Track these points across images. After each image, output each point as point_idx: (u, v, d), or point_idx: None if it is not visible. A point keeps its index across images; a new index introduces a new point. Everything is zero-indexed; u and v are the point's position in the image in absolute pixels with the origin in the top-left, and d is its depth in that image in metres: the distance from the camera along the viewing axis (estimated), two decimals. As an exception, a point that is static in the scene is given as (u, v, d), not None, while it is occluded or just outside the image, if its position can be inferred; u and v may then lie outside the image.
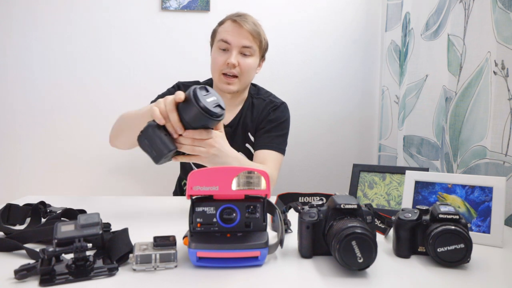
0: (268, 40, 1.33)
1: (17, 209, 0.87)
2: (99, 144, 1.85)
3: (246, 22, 1.22)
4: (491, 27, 0.97)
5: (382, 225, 0.80)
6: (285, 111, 1.35)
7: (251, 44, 1.23)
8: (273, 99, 1.36)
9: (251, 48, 1.23)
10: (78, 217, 0.62)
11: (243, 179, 0.63)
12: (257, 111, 1.33)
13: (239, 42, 1.22)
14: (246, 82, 1.28)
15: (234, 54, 1.21)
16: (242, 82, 1.25)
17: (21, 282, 0.56)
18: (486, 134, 0.99)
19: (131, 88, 1.84)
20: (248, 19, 1.24)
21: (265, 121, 1.31)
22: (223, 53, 1.23)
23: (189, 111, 0.80)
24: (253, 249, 0.62)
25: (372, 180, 1.07)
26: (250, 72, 1.27)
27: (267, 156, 1.23)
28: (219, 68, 1.23)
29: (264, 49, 1.32)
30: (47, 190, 1.82)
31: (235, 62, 1.21)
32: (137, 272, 0.60)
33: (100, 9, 1.81)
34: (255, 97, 1.36)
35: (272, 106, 1.33)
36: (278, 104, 1.34)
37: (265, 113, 1.32)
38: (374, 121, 1.92)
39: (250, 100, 1.35)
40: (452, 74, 1.15)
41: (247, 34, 1.22)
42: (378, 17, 1.88)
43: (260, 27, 1.28)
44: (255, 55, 1.26)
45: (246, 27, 1.21)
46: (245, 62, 1.23)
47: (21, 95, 1.82)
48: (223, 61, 1.22)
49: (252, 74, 1.29)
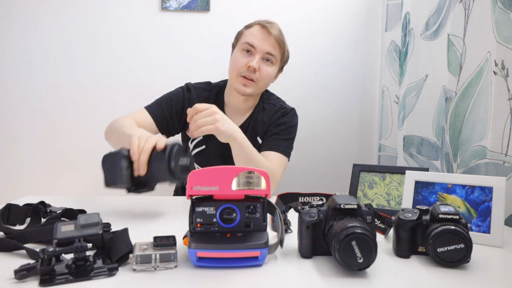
0: (289, 53, 1.33)
1: (17, 209, 0.87)
2: (99, 144, 1.84)
3: (275, 29, 1.23)
4: (491, 27, 0.97)
5: (382, 225, 0.79)
6: (294, 117, 1.36)
7: (275, 53, 1.24)
8: (283, 105, 1.37)
9: (274, 56, 1.24)
10: (78, 217, 0.62)
11: (243, 179, 0.63)
12: (267, 115, 1.33)
13: (264, 48, 1.22)
14: (261, 88, 1.28)
15: (257, 59, 1.21)
16: (258, 87, 1.25)
17: (21, 282, 0.56)
18: (486, 134, 0.99)
19: (131, 88, 1.84)
20: (275, 27, 1.24)
21: (274, 124, 1.31)
22: (246, 56, 1.23)
23: (159, 162, 0.84)
24: (253, 249, 0.62)
25: (372, 180, 1.07)
26: (268, 80, 1.27)
27: (272, 157, 1.24)
28: (239, 69, 1.23)
29: (285, 61, 1.33)
30: (47, 190, 1.82)
31: (257, 66, 1.20)
32: (137, 272, 0.60)
33: (100, 9, 1.81)
34: (266, 102, 1.36)
35: (282, 112, 1.34)
36: (288, 110, 1.35)
37: (275, 118, 1.33)
38: (374, 121, 1.93)
39: (261, 105, 1.35)
40: (452, 74, 1.15)
41: (273, 42, 1.22)
42: (378, 17, 1.88)
43: (285, 38, 1.28)
44: (276, 65, 1.27)
45: (274, 34, 1.21)
46: (266, 69, 1.24)
47: (21, 95, 1.82)
48: (244, 63, 1.22)
49: (268, 82, 1.30)
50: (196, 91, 1.32)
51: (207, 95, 1.33)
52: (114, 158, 0.84)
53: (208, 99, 1.32)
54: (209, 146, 1.31)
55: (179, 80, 1.49)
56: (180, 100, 1.29)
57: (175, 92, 1.32)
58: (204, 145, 1.31)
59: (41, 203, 0.89)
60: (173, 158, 0.82)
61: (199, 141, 1.31)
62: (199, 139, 1.31)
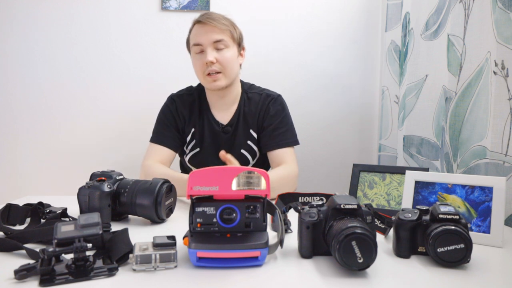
0: (241, 30, 1.31)
1: (17, 209, 0.87)
2: (99, 144, 1.86)
3: (210, 18, 1.22)
4: (491, 27, 0.97)
5: (382, 225, 0.79)
6: (283, 103, 1.35)
7: (222, 37, 1.22)
8: (268, 93, 1.36)
9: (223, 41, 1.22)
10: (78, 217, 0.62)
11: (243, 179, 0.63)
12: (255, 105, 1.33)
13: (209, 39, 1.21)
14: (231, 74, 1.26)
15: (209, 52, 1.21)
16: (227, 75, 1.24)
17: (21, 282, 0.56)
18: (486, 134, 0.99)
19: (131, 88, 1.84)
20: (211, 15, 1.24)
21: (268, 117, 1.31)
22: (200, 56, 1.23)
23: (144, 199, 0.85)
24: (253, 249, 0.62)
25: (372, 180, 1.07)
26: (232, 63, 1.25)
27: (283, 155, 1.26)
28: (201, 70, 1.24)
29: (239, 38, 1.29)
30: (47, 190, 1.82)
31: (212, 59, 1.20)
32: (137, 272, 0.60)
33: (100, 9, 1.81)
34: (249, 92, 1.36)
35: (269, 100, 1.33)
36: (275, 96, 1.35)
37: (264, 107, 1.32)
38: (374, 121, 1.92)
39: (244, 95, 1.35)
40: (452, 74, 1.15)
41: (214, 29, 1.21)
42: (378, 17, 1.88)
43: (226, 18, 1.26)
44: (231, 46, 1.25)
45: (210, 23, 1.21)
46: (222, 56, 1.22)
47: (21, 95, 1.82)
48: (201, 63, 1.22)
49: (235, 65, 1.27)
50: (180, 99, 1.35)
51: (191, 100, 1.35)
52: (94, 194, 0.85)
53: (193, 102, 1.35)
54: (203, 148, 1.33)
55: (179, 80, 1.50)
56: (170, 117, 1.33)
57: (163, 111, 1.35)
58: (198, 147, 1.33)
59: (40, 203, 0.89)
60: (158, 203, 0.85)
61: (194, 145, 1.34)
62: (194, 143, 1.33)
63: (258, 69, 1.77)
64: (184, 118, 1.33)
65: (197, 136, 1.33)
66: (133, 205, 0.85)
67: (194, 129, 1.33)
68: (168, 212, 0.89)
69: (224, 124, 1.33)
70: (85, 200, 0.84)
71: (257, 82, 1.44)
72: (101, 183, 0.85)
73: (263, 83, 1.44)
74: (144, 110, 1.76)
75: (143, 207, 0.85)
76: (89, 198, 0.84)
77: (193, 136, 1.33)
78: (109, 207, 0.85)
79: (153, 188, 0.85)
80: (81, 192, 0.85)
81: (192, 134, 1.33)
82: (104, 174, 0.90)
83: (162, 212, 0.85)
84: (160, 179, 0.87)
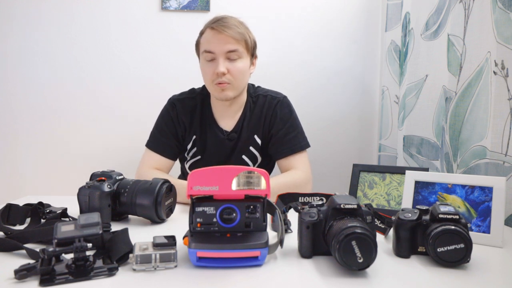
0: (255, 37, 1.26)
1: (17, 209, 0.87)
2: (100, 144, 1.86)
3: (225, 26, 1.15)
4: (491, 27, 0.97)
5: (382, 225, 0.79)
6: (290, 105, 1.32)
7: (236, 47, 1.16)
8: (273, 95, 1.31)
9: (237, 51, 1.17)
10: (78, 217, 0.62)
11: (243, 179, 0.63)
12: (259, 108, 1.29)
13: (222, 48, 1.15)
14: (241, 85, 1.22)
15: (221, 62, 1.15)
16: (236, 86, 1.20)
17: (21, 282, 0.56)
18: (486, 134, 0.99)
19: (131, 88, 1.84)
20: (227, 22, 1.17)
21: (276, 123, 1.27)
22: (211, 64, 1.18)
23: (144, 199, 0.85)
24: (253, 249, 0.62)
25: (372, 180, 1.07)
26: (243, 75, 1.21)
27: (295, 161, 1.23)
28: (210, 79, 1.19)
29: (252, 47, 1.24)
30: (47, 190, 1.82)
31: (224, 70, 1.15)
32: (137, 272, 0.60)
33: (100, 9, 1.81)
34: (253, 96, 1.32)
35: (275, 103, 1.28)
36: (281, 98, 1.30)
37: (270, 111, 1.28)
38: (374, 121, 1.92)
39: (250, 100, 1.31)
40: (452, 74, 1.15)
41: (228, 39, 1.15)
42: (378, 17, 1.88)
43: (242, 26, 1.20)
44: (244, 57, 1.19)
45: (226, 32, 1.15)
46: (234, 66, 1.17)
47: (21, 95, 1.82)
48: (212, 72, 1.17)
49: (245, 77, 1.23)
50: (181, 104, 1.29)
51: (193, 104, 1.29)
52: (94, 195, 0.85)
53: (194, 108, 1.29)
54: (204, 157, 1.30)
55: (179, 80, 1.50)
56: (170, 124, 1.28)
57: (163, 116, 1.30)
58: (199, 155, 1.30)
59: (39, 204, 0.89)
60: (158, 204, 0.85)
61: (195, 152, 1.30)
62: (195, 150, 1.30)
63: (258, 69, 1.76)
64: (184, 125, 1.28)
65: (198, 143, 1.29)
66: (133, 205, 0.85)
67: (196, 136, 1.29)
68: (168, 212, 0.89)
69: (229, 131, 1.28)
70: (85, 200, 0.84)
71: (257, 82, 1.43)
72: (101, 183, 0.85)
73: (263, 83, 1.44)
74: (144, 110, 1.76)
75: (143, 207, 0.85)
76: (89, 198, 0.84)
77: (194, 144, 1.29)
78: (109, 207, 0.85)
79: (153, 188, 0.85)
80: (81, 192, 0.85)
81: (193, 142, 1.29)
82: (104, 174, 0.90)
83: (162, 212, 0.85)
84: (160, 179, 0.88)
